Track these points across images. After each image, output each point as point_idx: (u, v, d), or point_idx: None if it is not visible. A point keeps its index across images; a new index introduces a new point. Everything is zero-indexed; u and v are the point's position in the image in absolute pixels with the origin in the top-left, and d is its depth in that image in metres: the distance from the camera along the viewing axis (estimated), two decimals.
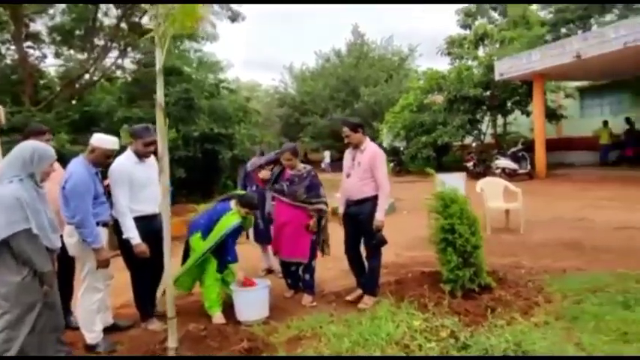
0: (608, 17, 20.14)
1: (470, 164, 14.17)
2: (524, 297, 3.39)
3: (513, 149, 13.25)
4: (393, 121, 18.88)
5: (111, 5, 12.50)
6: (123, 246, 3.36)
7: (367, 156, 3.52)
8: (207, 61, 12.20)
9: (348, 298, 3.69)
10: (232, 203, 3.64)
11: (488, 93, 15.70)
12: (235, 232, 3.55)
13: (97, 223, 3.03)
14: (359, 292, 3.71)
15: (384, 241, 3.48)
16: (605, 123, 14.40)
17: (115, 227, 3.30)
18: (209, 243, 3.49)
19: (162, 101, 2.68)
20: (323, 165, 22.67)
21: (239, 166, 12.26)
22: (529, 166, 12.77)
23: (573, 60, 11.09)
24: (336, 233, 4.15)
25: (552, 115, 15.42)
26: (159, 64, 2.70)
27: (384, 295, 3.60)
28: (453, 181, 5.60)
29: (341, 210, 3.76)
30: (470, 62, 16.71)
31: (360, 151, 3.58)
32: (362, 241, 3.69)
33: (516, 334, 2.72)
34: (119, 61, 12.94)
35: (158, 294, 3.63)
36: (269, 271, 4.73)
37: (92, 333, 3.05)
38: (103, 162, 3.13)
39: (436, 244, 3.73)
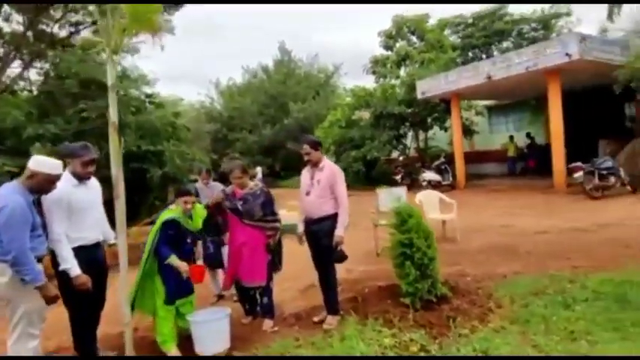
0: (505, 44, 22.87)
1: (398, 177, 14.89)
2: (478, 304, 3.58)
3: (437, 162, 14.22)
4: (323, 137, 19.28)
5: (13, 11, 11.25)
6: (59, 280, 2.96)
7: (326, 174, 3.51)
8: (131, 74, 11.42)
9: (315, 319, 3.59)
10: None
11: (410, 110, 16.75)
12: (171, 228, 3.32)
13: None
14: (324, 313, 3.63)
15: (344, 257, 3.48)
16: (512, 138, 16.06)
17: (52, 259, 2.91)
18: (148, 245, 3.27)
19: (116, 119, 2.45)
20: (256, 180, 22.29)
21: (169, 184, 11.61)
22: (451, 178, 13.79)
23: (485, 81, 12.31)
24: (290, 251, 4.08)
25: (467, 130, 16.84)
26: (111, 80, 2.50)
27: (347, 313, 3.59)
28: (395, 195, 5.86)
29: (301, 228, 3.69)
30: (393, 81, 17.72)
31: (318, 170, 3.56)
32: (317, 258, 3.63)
33: (481, 342, 2.86)
34: (25, 72, 11.62)
35: (98, 332, 3.27)
36: (219, 297, 4.49)
37: None
38: (46, 188, 2.74)
39: (394, 258, 3.82)
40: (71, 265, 2.82)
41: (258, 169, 23.94)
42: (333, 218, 3.46)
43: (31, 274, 2.52)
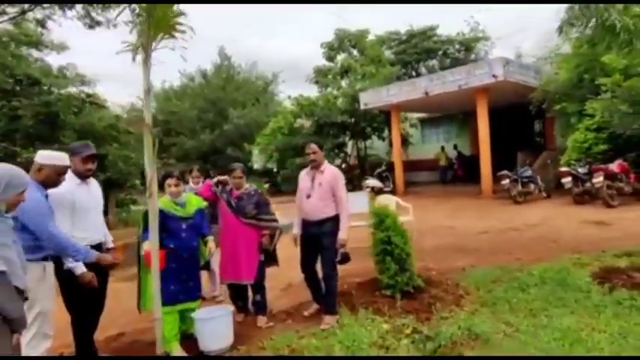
0: (432, 62, 24.94)
1: None
2: (450, 292, 4.07)
3: (379, 170, 15.07)
4: (265, 143, 19.39)
5: None
6: (62, 283, 2.91)
7: (328, 176, 3.70)
8: (67, 72, 10.69)
9: (305, 313, 3.80)
10: None
11: (351, 120, 17.53)
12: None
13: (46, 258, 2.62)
14: (315, 306, 3.86)
15: (348, 258, 3.66)
16: (443, 148, 17.51)
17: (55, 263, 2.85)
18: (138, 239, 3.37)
19: (150, 121, 2.51)
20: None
21: (111, 191, 11.00)
22: (392, 185, 14.70)
23: (422, 96, 13.38)
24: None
25: (403, 141, 18.01)
26: (146, 83, 2.54)
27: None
28: (359, 199, 6.29)
29: (296, 231, 3.87)
30: (335, 91, 18.42)
31: (319, 172, 3.75)
32: (319, 259, 3.78)
33: (463, 322, 3.32)
34: None
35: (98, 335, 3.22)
36: (202, 299, 4.52)
37: None
38: (55, 181, 2.72)
39: (375, 255, 4.20)
40: (75, 265, 2.80)
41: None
42: (334, 220, 3.63)
43: (80, 253, 2.57)
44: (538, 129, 17.70)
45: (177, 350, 3.28)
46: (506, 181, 10.39)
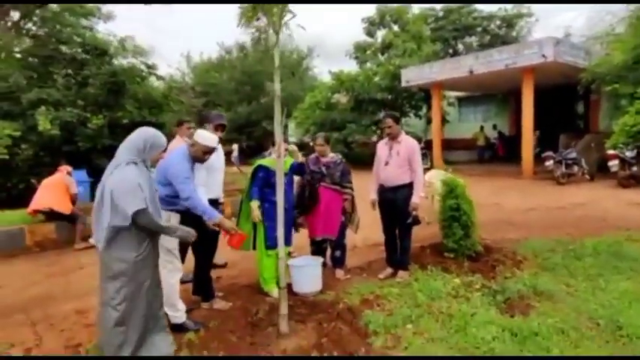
0: (470, 40, 24.40)
1: None
2: (509, 258, 4.47)
3: None
4: (302, 118, 19.75)
5: None
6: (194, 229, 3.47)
7: (405, 146, 4.07)
8: (128, 43, 11.27)
9: (380, 276, 4.19)
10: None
11: (390, 97, 17.64)
12: (261, 172, 3.83)
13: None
14: (389, 270, 4.27)
15: (418, 221, 4.11)
16: (482, 128, 17.45)
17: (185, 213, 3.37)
18: (244, 189, 3.96)
19: (279, 93, 2.95)
20: (232, 158, 22.36)
21: None
22: (429, 163, 14.92)
23: (466, 74, 13.37)
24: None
25: (442, 119, 18.04)
26: (277, 61, 2.96)
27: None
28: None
29: (373, 196, 4.28)
30: (375, 67, 18.46)
31: (397, 142, 4.12)
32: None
33: (526, 281, 3.72)
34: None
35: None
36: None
37: (177, 312, 3.13)
38: (201, 158, 3.22)
39: (442, 221, 4.61)
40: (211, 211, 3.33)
41: (235, 147, 24.04)
42: (409, 187, 4.02)
43: (206, 213, 3.08)
44: (581, 111, 17.36)
45: (275, 292, 3.82)
46: (550, 162, 10.50)
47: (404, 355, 2.63)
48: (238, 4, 3.10)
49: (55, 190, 5.90)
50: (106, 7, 12.55)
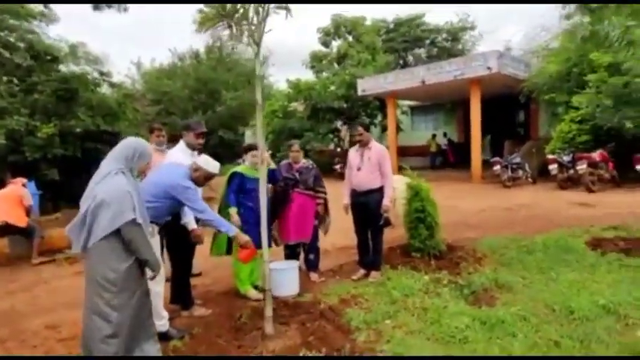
0: (419, 51, 25.69)
1: (337, 167, 16.18)
2: (471, 255, 4.81)
3: None
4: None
5: None
6: (171, 240, 3.47)
7: (376, 153, 4.29)
8: (79, 50, 10.80)
9: (354, 277, 4.34)
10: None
11: (347, 105, 18.10)
12: (235, 181, 3.98)
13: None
14: (362, 271, 4.43)
15: (389, 222, 4.36)
16: (434, 136, 18.32)
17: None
18: (221, 196, 4.06)
19: (261, 102, 3.05)
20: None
21: None
22: None
23: (419, 84, 14.07)
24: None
25: (396, 127, 18.76)
26: (258, 70, 3.05)
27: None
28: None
29: (346, 200, 4.46)
30: (331, 77, 18.88)
31: (367, 149, 4.34)
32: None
33: (489, 275, 4.05)
34: None
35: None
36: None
37: (161, 320, 3.11)
38: (201, 183, 3.25)
39: (408, 223, 4.89)
40: (189, 220, 3.36)
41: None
42: (379, 191, 4.24)
43: (225, 226, 3.12)
44: (522, 119, 18.72)
45: (252, 293, 3.90)
46: (497, 167, 11.28)
47: (387, 348, 2.80)
48: (199, 8, 3.11)
49: (9, 202, 5.57)
50: (50, 9, 11.93)
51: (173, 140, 4.91)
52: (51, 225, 6.73)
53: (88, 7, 11.05)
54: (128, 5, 10.60)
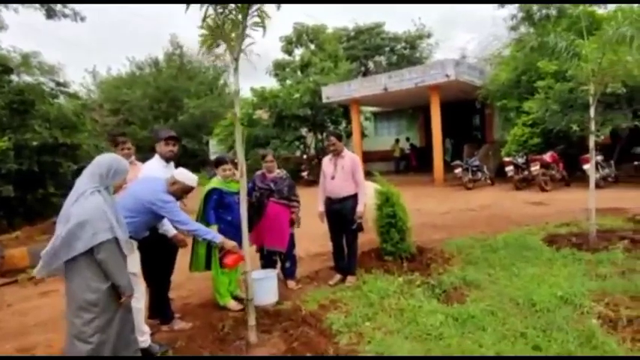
0: (379, 59, 26.48)
1: (304, 173, 16.32)
2: (439, 256, 5.05)
3: None
4: (225, 134, 19.56)
5: None
6: (149, 254, 3.44)
7: (349, 161, 4.44)
8: (32, 60, 10.35)
9: (331, 282, 4.47)
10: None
11: (311, 112, 18.29)
12: (214, 194, 3.97)
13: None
14: (338, 276, 4.56)
15: (361, 228, 4.51)
16: (397, 140, 18.85)
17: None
18: (198, 212, 3.97)
19: (239, 114, 3.11)
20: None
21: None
22: None
23: (382, 91, 14.48)
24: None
25: (360, 133, 19.15)
26: (236, 86, 3.11)
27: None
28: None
29: (321, 208, 4.58)
30: (295, 85, 19.04)
31: (341, 157, 4.48)
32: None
33: (457, 274, 4.29)
34: None
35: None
36: None
37: (143, 335, 3.09)
38: (180, 195, 3.24)
39: (379, 227, 5.07)
40: (168, 228, 3.36)
41: None
42: (353, 198, 4.38)
43: (210, 235, 3.15)
44: (478, 123, 19.64)
45: (233, 304, 3.94)
46: (459, 170, 11.80)
47: (369, 348, 2.93)
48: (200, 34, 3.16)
49: None
50: None
51: (152, 151, 4.86)
52: (12, 244, 6.41)
53: (40, 15, 10.71)
54: (85, 14, 10.33)
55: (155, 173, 3.38)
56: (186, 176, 3.23)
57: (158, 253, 3.42)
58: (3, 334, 3.77)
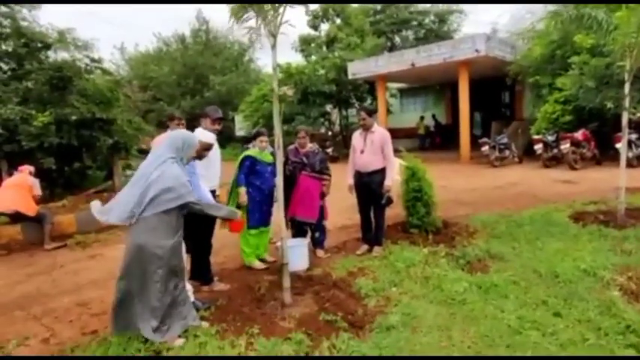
0: (406, 33, 25.81)
1: (329, 150, 16.44)
2: (464, 230, 5.18)
3: None
4: (251, 111, 19.80)
5: None
6: (190, 221, 3.71)
7: (378, 136, 4.56)
8: (67, 36, 10.70)
9: (358, 252, 4.68)
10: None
11: (337, 89, 18.25)
12: (247, 161, 4.33)
13: None
14: (365, 247, 4.76)
15: (391, 201, 4.65)
16: (422, 118, 18.65)
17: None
18: (232, 177, 4.40)
19: (277, 90, 3.27)
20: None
21: (117, 154, 11.34)
22: None
23: (409, 67, 14.29)
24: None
25: (385, 110, 19.02)
26: (274, 62, 3.26)
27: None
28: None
29: (350, 181, 4.75)
30: (321, 60, 18.94)
31: (371, 132, 4.61)
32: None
33: (481, 246, 4.42)
34: None
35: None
36: None
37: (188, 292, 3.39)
38: (201, 154, 3.41)
39: (405, 201, 5.22)
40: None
41: None
42: (382, 172, 4.52)
43: (223, 209, 3.35)
44: (508, 100, 19.17)
45: (257, 264, 4.32)
46: (486, 148, 11.68)
47: (395, 310, 3.13)
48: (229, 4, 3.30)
49: (19, 191, 5.72)
50: None
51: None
52: (59, 212, 6.89)
53: None
54: None
55: (210, 140, 3.60)
56: (203, 134, 3.49)
57: (199, 218, 3.67)
58: (60, 290, 4.16)
